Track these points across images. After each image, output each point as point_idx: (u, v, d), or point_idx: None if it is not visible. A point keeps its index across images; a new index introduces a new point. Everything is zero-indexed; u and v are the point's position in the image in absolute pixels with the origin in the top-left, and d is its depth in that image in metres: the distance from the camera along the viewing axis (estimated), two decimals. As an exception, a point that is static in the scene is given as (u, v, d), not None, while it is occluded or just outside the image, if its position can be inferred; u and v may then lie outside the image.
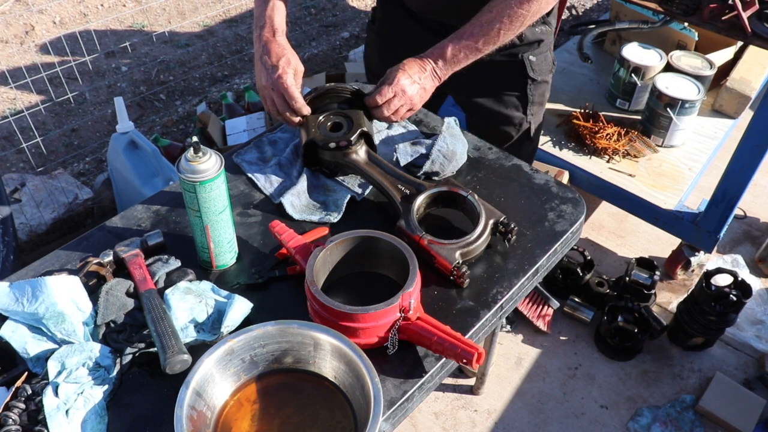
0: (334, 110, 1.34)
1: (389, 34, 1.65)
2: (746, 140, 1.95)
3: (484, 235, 1.17)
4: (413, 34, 1.57)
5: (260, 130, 2.58)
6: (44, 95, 3.12)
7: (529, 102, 1.62)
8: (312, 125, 1.31)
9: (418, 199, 1.21)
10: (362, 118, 1.32)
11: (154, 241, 1.16)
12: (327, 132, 1.31)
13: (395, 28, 1.62)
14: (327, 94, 1.35)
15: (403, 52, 1.55)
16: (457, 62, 1.31)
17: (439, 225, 1.25)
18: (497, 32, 1.29)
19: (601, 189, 2.35)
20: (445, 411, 2.02)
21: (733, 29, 1.85)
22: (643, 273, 2.22)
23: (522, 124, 1.65)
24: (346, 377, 0.95)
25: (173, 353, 0.94)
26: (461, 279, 1.12)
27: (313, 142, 1.30)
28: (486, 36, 1.29)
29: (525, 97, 1.61)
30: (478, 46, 1.30)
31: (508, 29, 1.29)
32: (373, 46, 1.74)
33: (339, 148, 1.29)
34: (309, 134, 1.30)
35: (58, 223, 2.42)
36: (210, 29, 3.78)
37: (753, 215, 2.74)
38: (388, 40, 1.66)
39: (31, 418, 0.92)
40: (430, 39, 1.50)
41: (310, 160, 1.35)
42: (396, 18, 1.60)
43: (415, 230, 1.16)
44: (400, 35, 1.61)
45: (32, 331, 1.00)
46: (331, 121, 1.33)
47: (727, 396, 2.02)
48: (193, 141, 1.03)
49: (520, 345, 2.20)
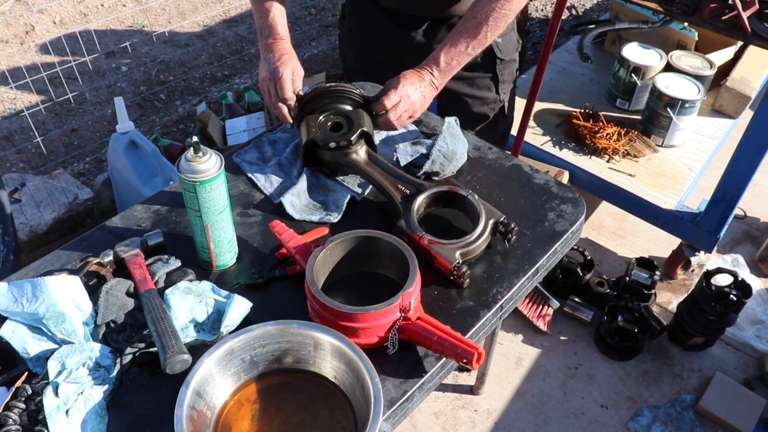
0: (334, 110, 1.34)
1: (360, 30, 1.68)
2: (746, 140, 1.95)
3: (484, 235, 1.17)
4: (383, 28, 1.59)
5: (260, 130, 2.58)
6: (44, 95, 3.13)
7: (500, 81, 1.67)
8: (312, 125, 1.31)
9: (418, 199, 1.21)
10: (362, 117, 1.32)
11: (154, 241, 1.16)
12: (327, 132, 1.31)
13: (365, 22, 1.64)
14: (327, 93, 1.35)
15: (376, 46, 1.58)
16: (450, 69, 1.37)
17: (439, 225, 1.25)
18: (484, 35, 1.35)
19: (601, 189, 2.35)
20: (445, 411, 2.02)
21: (733, 29, 1.85)
22: (643, 273, 2.22)
23: (496, 103, 1.71)
24: (346, 377, 0.95)
25: (173, 353, 0.94)
26: (461, 279, 1.12)
27: (313, 142, 1.30)
28: (473, 39, 1.35)
29: (496, 77, 1.66)
30: (468, 51, 1.36)
31: (494, 29, 1.35)
32: (346, 43, 1.76)
33: (339, 148, 1.29)
34: (309, 134, 1.30)
35: (58, 223, 2.42)
36: (210, 29, 3.78)
37: (753, 215, 2.74)
38: (360, 36, 1.69)
39: (31, 418, 0.92)
40: (400, 32, 1.54)
41: (310, 159, 1.35)
42: (365, 12, 1.62)
43: (415, 230, 1.16)
44: (370, 29, 1.63)
45: (32, 331, 1.00)
46: (332, 120, 1.32)
47: (727, 396, 2.02)
48: (193, 141, 1.03)
49: (520, 345, 2.20)
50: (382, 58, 1.64)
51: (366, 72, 1.67)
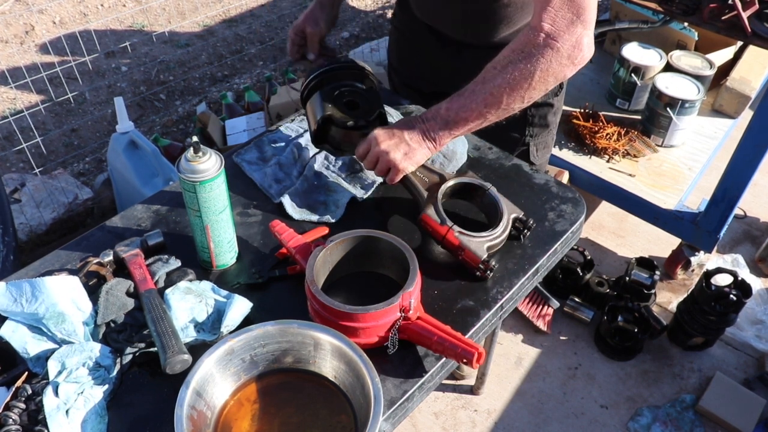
0: (351, 87, 1.26)
1: (403, 30, 1.63)
2: (746, 140, 1.95)
3: (506, 230, 1.17)
4: (420, 35, 1.55)
5: (260, 130, 2.58)
6: (44, 95, 3.12)
7: (528, 123, 1.52)
8: (327, 100, 1.23)
9: (442, 189, 1.18)
10: (380, 99, 1.26)
11: (154, 241, 1.16)
12: (345, 109, 1.23)
13: (409, 25, 1.59)
14: (345, 68, 1.27)
15: (413, 51, 1.51)
16: (455, 123, 1.15)
17: (455, 218, 1.20)
18: (499, 98, 1.11)
19: (601, 189, 2.35)
20: (445, 411, 2.02)
21: (733, 29, 1.85)
22: (643, 273, 2.22)
23: (519, 145, 1.56)
24: (347, 377, 0.95)
25: (173, 353, 0.94)
26: (488, 273, 1.12)
27: (330, 119, 1.22)
28: (486, 97, 1.12)
29: (525, 118, 1.50)
30: (480, 110, 1.13)
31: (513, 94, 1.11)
32: (393, 40, 1.70)
33: (357, 128, 1.23)
34: (325, 109, 1.21)
35: (58, 223, 2.42)
36: (210, 29, 3.78)
37: (753, 215, 2.74)
38: (404, 36, 1.63)
39: (31, 418, 0.92)
40: (433, 44, 1.49)
41: (319, 137, 1.26)
42: (406, 16, 1.58)
43: (444, 221, 1.14)
44: (410, 33, 1.60)
45: (32, 330, 1.00)
46: (346, 98, 1.25)
47: (727, 396, 2.02)
48: (193, 141, 1.03)
49: (520, 345, 2.20)
50: (420, 64, 1.58)
51: (405, 74, 1.63)
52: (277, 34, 3.78)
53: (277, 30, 3.83)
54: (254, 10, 3.98)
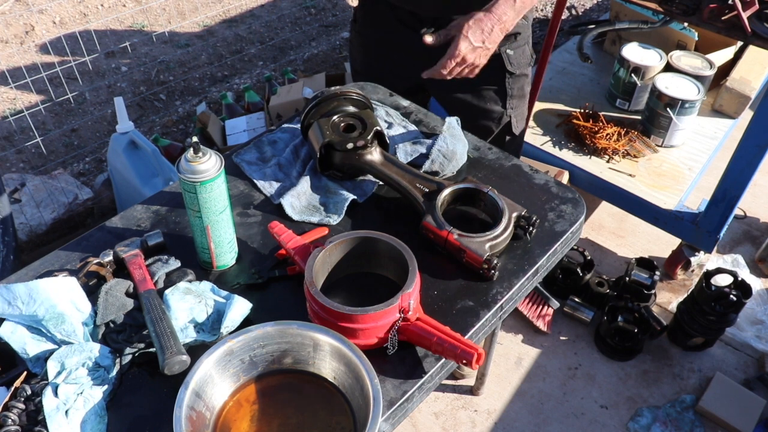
0: (344, 112, 1.33)
1: (370, 32, 1.67)
2: (746, 140, 1.95)
3: (509, 229, 1.18)
4: (392, 31, 1.58)
5: (260, 130, 2.58)
6: (44, 95, 3.13)
7: (508, 95, 1.63)
8: (325, 127, 1.30)
9: (440, 196, 1.21)
10: (373, 117, 1.31)
11: (154, 241, 1.16)
12: (341, 134, 1.30)
13: (375, 25, 1.63)
14: (332, 97, 1.34)
15: (385, 48, 1.54)
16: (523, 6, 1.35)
17: (459, 223, 1.23)
18: None
19: (601, 189, 2.35)
20: (445, 411, 2.02)
21: (733, 29, 1.85)
22: (643, 273, 2.22)
23: (502, 118, 1.66)
24: (346, 378, 0.95)
25: (172, 354, 0.94)
26: (492, 272, 1.12)
27: (330, 145, 1.29)
28: None
29: (503, 91, 1.62)
30: None
31: None
32: (357, 46, 1.75)
33: (356, 149, 1.28)
34: (324, 136, 1.28)
35: (58, 223, 2.42)
36: (210, 29, 3.78)
37: (753, 215, 2.73)
38: (370, 39, 1.68)
39: (30, 419, 0.92)
40: (408, 35, 1.51)
41: (324, 164, 1.33)
42: (375, 15, 1.61)
43: (442, 226, 1.16)
44: (380, 32, 1.62)
45: (31, 331, 1.00)
46: (344, 122, 1.31)
47: (727, 396, 2.02)
48: (193, 141, 1.03)
49: (520, 345, 2.20)
50: (391, 62, 1.63)
51: (374, 76, 1.66)
52: (277, 34, 3.78)
53: (277, 30, 3.83)
54: (254, 10, 3.98)
